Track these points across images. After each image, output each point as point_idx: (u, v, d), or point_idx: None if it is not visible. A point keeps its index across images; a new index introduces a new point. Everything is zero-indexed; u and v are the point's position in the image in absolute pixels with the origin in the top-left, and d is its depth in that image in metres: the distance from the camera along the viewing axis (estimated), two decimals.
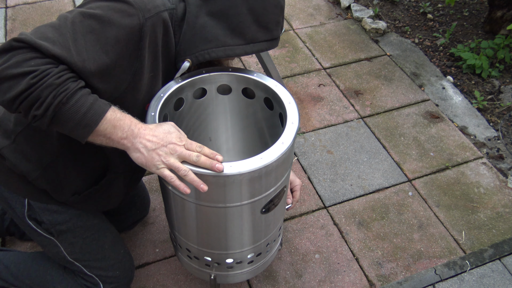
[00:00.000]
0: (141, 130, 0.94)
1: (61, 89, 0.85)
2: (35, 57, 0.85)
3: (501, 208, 1.90)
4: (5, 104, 0.86)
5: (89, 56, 0.89)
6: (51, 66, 0.85)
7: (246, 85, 1.20)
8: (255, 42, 1.08)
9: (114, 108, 0.92)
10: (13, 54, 0.85)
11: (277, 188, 1.12)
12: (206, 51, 1.06)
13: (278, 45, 1.14)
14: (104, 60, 0.91)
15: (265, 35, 1.09)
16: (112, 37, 0.91)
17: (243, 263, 1.31)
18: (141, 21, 0.95)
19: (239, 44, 1.06)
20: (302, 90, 2.39)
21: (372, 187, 1.96)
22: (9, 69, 0.83)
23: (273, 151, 1.00)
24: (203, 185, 0.96)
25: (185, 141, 0.96)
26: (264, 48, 1.10)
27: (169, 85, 1.11)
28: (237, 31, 1.06)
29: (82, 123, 0.88)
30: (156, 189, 1.89)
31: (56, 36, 0.87)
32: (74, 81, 0.87)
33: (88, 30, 0.90)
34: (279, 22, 1.11)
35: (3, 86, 0.84)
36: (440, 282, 1.65)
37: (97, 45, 0.90)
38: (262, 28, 1.07)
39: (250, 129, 1.34)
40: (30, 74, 0.83)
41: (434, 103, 2.36)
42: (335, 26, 2.84)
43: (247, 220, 1.15)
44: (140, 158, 0.95)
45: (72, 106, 0.86)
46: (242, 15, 1.05)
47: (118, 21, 0.92)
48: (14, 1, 2.89)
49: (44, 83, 0.83)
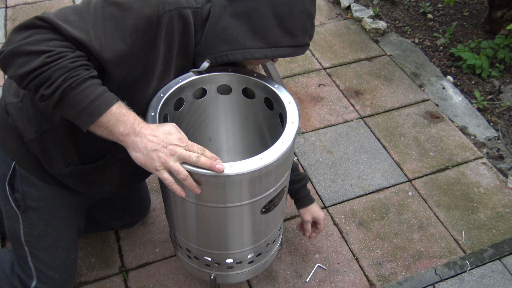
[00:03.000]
0: (142, 130, 0.94)
1: (73, 73, 0.86)
2: (55, 38, 0.87)
3: (501, 208, 1.90)
4: (17, 79, 0.88)
5: (107, 42, 0.91)
6: (68, 50, 0.87)
7: (246, 85, 1.20)
8: (277, 46, 1.06)
9: (120, 103, 0.93)
10: (34, 32, 0.87)
11: (277, 188, 1.12)
12: (224, 53, 1.06)
13: (303, 53, 1.11)
14: (121, 46, 0.93)
15: (289, 41, 1.06)
16: (131, 25, 0.93)
17: (243, 263, 1.31)
18: (160, 12, 0.97)
19: (259, 47, 1.05)
20: (302, 90, 2.39)
21: (372, 187, 1.96)
22: (28, 45, 0.85)
23: (273, 151, 1.00)
24: (197, 189, 0.98)
25: (186, 143, 0.95)
26: (286, 54, 1.07)
27: (169, 85, 1.11)
28: (259, 34, 1.04)
29: (87, 111, 0.89)
30: (156, 189, 1.89)
31: (77, 20, 0.90)
32: (87, 69, 0.89)
33: (108, 16, 0.92)
34: (306, 29, 1.08)
35: (18, 60, 0.86)
36: (440, 282, 1.66)
37: (115, 31, 0.92)
38: (286, 33, 1.05)
39: (250, 129, 1.34)
40: (46, 53, 0.85)
41: (434, 103, 2.36)
42: (335, 26, 2.84)
43: (247, 220, 1.15)
44: (139, 158, 0.95)
45: (80, 92, 0.87)
46: (266, 17, 1.03)
47: (138, 10, 0.94)
48: (14, 1, 2.89)
49: (58, 64, 0.85)
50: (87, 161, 1.16)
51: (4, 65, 0.89)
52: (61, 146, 1.12)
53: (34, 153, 1.13)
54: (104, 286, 1.59)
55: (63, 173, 1.16)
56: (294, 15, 1.04)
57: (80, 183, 1.20)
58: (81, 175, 1.18)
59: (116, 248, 1.70)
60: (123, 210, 1.66)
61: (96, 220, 1.66)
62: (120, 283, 1.60)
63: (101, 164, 1.17)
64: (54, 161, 1.14)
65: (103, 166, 1.17)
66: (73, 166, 1.16)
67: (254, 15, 1.03)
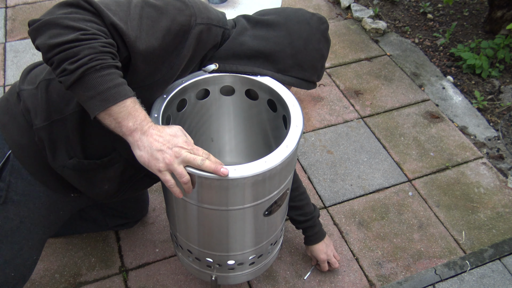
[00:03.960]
0: (150, 129, 0.94)
1: (100, 56, 0.88)
2: (94, 21, 0.91)
3: (501, 208, 1.90)
4: (46, 48, 0.88)
5: (141, 35, 0.96)
6: (103, 35, 0.90)
7: (249, 86, 1.20)
8: (285, 74, 1.15)
9: (135, 99, 0.94)
10: (77, 10, 0.91)
11: (280, 191, 1.11)
12: (235, 65, 1.14)
13: (309, 89, 1.22)
14: (153, 43, 0.97)
15: (297, 73, 1.16)
16: (165, 27, 0.99)
17: (244, 265, 1.31)
18: (192, 23, 1.03)
19: (268, 69, 1.14)
20: (302, 90, 2.39)
21: (372, 187, 1.96)
22: (67, 20, 0.88)
23: (278, 154, 1.00)
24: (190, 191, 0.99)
25: (192, 146, 0.95)
26: (292, 83, 1.16)
27: (172, 86, 1.10)
28: (271, 58, 1.14)
29: (102, 96, 0.89)
30: (156, 189, 1.89)
31: (118, 10, 0.95)
32: (113, 58, 0.91)
33: (146, 15, 0.98)
34: (316, 67, 1.18)
35: (54, 31, 0.88)
36: (440, 282, 1.66)
37: (150, 29, 0.97)
38: (296, 65, 1.15)
39: (253, 130, 1.34)
40: (82, 31, 0.88)
41: (434, 103, 2.36)
42: (335, 26, 2.84)
43: (250, 223, 1.15)
44: (143, 157, 0.94)
45: (102, 76, 0.88)
46: (282, 45, 1.13)
47: (173, 15, 1.01)
48: (14, 1, 2.87)
49: (89, 44, 0.87)
50: (92, 157, 1.15)
51: (37, 32, 0.90)
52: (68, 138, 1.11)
53: (40, 142, 1.12)
54: (104, 286, 1.59)
55: (66, 165, 1.14)
56: (308, 51, 1.15)
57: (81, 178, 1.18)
58: (83, 170, 1.16)
59: (116, 248, 1.70)
60: (122, 210, 1.65)
61: (94, 220, 1.66)
62: (120, 283, 1.60)
63: (106, 161, 1.16)
64: (59, 152, 1.13)
65: (107, 163, 1.16)
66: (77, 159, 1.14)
67: (271, 40, 1.13)
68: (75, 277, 1.60)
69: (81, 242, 1.70)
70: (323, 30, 1.18)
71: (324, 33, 1.19)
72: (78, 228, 1.70)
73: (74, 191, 1.25)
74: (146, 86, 1.03)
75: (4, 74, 2.39)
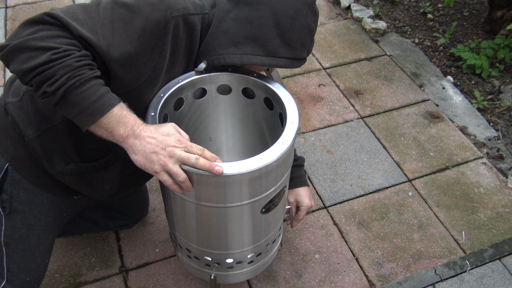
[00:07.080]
0: (141, 132, 0.94)
1: (77, 72, 0.86)
2: (62, 36, 0.87)
3: (501, 208, 1.90)
4: (20, 74, 0.87)
5: (114, 41, 0.91)
6: (74, 49, 0.87)
7: (246, 85, 1.20)
8: (275, 56, 1.08)
9: (122, 105, 0.93)
10: (43, 28, 0.87)
11: (277, 188, 1.12)
12: (222, 56, 1.07)
13: (299, 66, 1.14)
14: (128, 48, 0.93)
15: (287, 52, 1.08)
16: (139, 28, 0.94)
17: (243, 263, 1.31)
18: (168, 18, 0.98)
19: (257, 54, 1.07)
20: (302, 90, 2.39)
21: (372, 187, 1.96)
22: (34, 41, 0.85)
23: (273, 151, 1.00)
24: (191, 188, 0.99)
25: (185, 144, 0.95)
26: (283, 65, 1.09)
27: (169, 85, 1.11)
28: (258, 41, 1.06)
29: (88, 111, 0.88)
30: (156, 189, 1.89)
31: (86, 19, 0.90)
32: (91, 68, 0.89)
33: (117, 17, 0.93)
34: (305, 44, 1.11)
35: (24, 55, 0.85)
36: (440, 282, 1.66)
37: (123, 33, 0.93)
38: (285, 44, 1.07)
39: (250, 129, 1.34)
40: (53, 50, 0.85)
41: (434, 103, 2.36)
42: (335, 26, 2.84)
43: (247, 220, 1.15)
44: (139, 161, 0.95)
45: (83, 92, 0.87)
46: (267, 26, 1.05)
47: (147, 13, 0.95)
48: (14, 1, 2.89)
49: (63, 62, 0.85)
50: (88, 160, 1.15)
51: (8, 58, 0.88)
52: (62, 145, 1.11)
53: (34, 152, 1.12)
54: (104, 286, 1.59)
55: (64, 171, 1.15)
56: (295, 28, 1.06)
57: (81, 182, 1.19)
58: (82, 173, 1.17)
59: (116, 248, 1.70)
60: (122, 211, 1.66)
61: (95, 220, 1.66)
62: (120, 283, 1.60)
63: (103, 162, 1.16)
64: (55, 160, 1.13)
65: (105, 164, 1.17)
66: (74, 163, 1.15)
67: (256, 23, 1.05)
68: (75, 277, 1.61)
69: (81, 242, 1.71)
70: (309, 3, 1.09)
71: (311, 6, 1.10)
72: (78, 229, 1.70)
73: (76, 194, 1.26)
74: (133, 90, 1.01)
75: (4, 74, 2.40)
